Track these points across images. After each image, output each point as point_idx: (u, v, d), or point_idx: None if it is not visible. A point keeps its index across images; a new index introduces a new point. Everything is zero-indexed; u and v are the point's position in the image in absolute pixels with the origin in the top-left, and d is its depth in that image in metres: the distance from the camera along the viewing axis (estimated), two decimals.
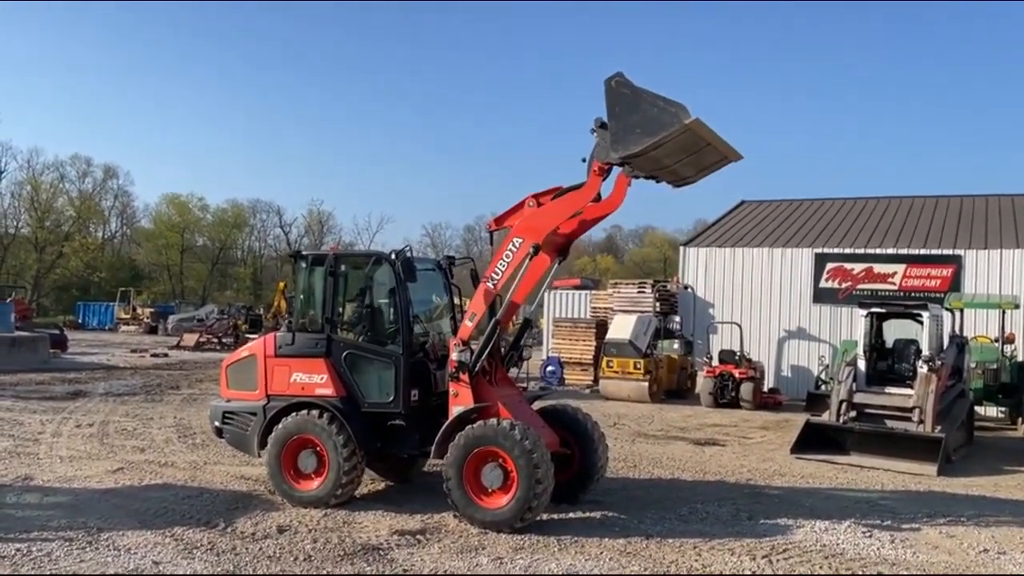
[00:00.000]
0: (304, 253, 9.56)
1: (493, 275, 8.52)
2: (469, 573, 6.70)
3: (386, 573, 6.63)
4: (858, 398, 13.53)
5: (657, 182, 8.47)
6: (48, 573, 6.38)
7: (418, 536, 7.69)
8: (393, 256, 8.91)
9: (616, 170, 8.03)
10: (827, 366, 20.34)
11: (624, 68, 7.68)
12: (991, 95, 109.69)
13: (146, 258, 73.58)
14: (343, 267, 9.19)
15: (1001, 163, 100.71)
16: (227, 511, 8.43)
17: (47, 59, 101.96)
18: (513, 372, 9.38)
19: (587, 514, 8.71)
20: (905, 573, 7.02)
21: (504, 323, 8.86)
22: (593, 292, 27.21)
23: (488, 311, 8.63)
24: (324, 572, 6.61)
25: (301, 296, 9.60)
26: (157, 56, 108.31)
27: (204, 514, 8.29)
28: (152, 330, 46.20)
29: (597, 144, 7.97)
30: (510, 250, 8.45)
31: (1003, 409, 18.58)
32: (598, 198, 8.34)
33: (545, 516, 8.32)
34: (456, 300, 9.97)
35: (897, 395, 13.46)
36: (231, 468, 10.62)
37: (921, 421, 12.78)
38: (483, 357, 8.49)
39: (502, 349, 9.16)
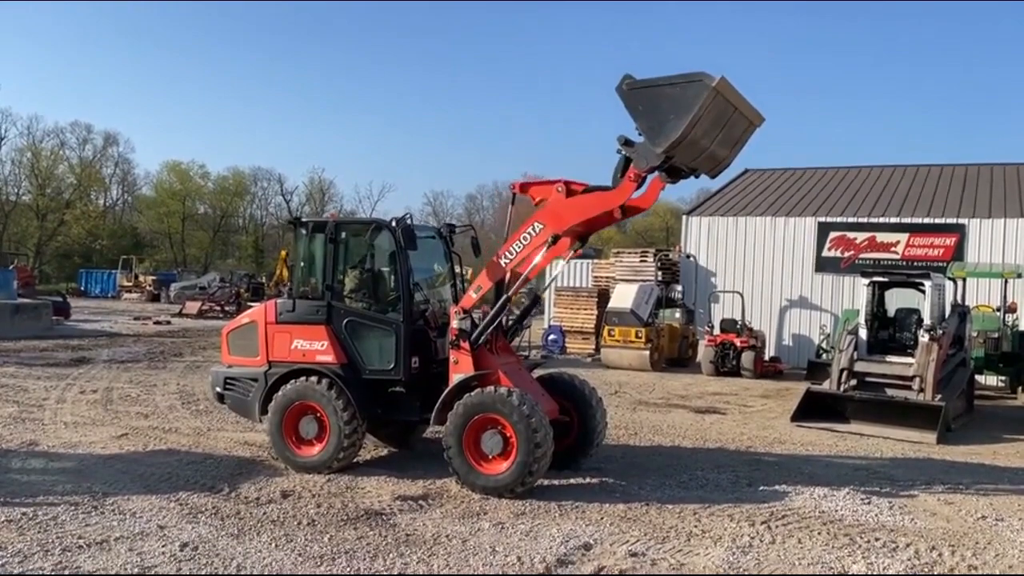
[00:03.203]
0: (304, 220, 9.53)
1: (507, 254, 8.46)
2: (471, 537, 6.76)
3: (389, 537, 6.70)
4: (859, 367, 13.57)
5: (696, 176, 8.35)
6: (55, 536, 6.45)
7: (420, 501, 7.77)
8: (393, 223, 8.89)
9: (651, 175, 7.88)
10: (828, 335, 20.37)
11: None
12: (998, 62, 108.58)
13: (148, 226, 73.47)
14: (343, 234, 9.16)
15: (1006, 131, 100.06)
16: (231, 476, 8.50)
17: (45, 25, 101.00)
18: (514, 341, 9.40)
19: (588, 480, 8.78)
20: (903, 539, 7.08)
21: (512, 298, 8.86)
22: (595, 261, 27.19)
23: (495, 286, 8.65)
24: (328, 536, 6.67)
25: (302, 263, 9.61)
26: (155, 21, 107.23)
27: (208, 479, 8.37)
28: (154, 298, 46.31)
29: (635, 152, 7.75)
30: (529, 233, 8.35)
31: (1003, 378, 18.61)
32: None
33: (546, 482, 8.38)
34: (457, 268, 9.97)
35: (898, 364, 13.48)
36: (234, 434, 10.70)
37: (921, 390, 12.82)
38: (487, 332, 8.52)
39: (508, 321, 9.17)
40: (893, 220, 22.28)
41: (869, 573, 6.24)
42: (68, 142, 70.47)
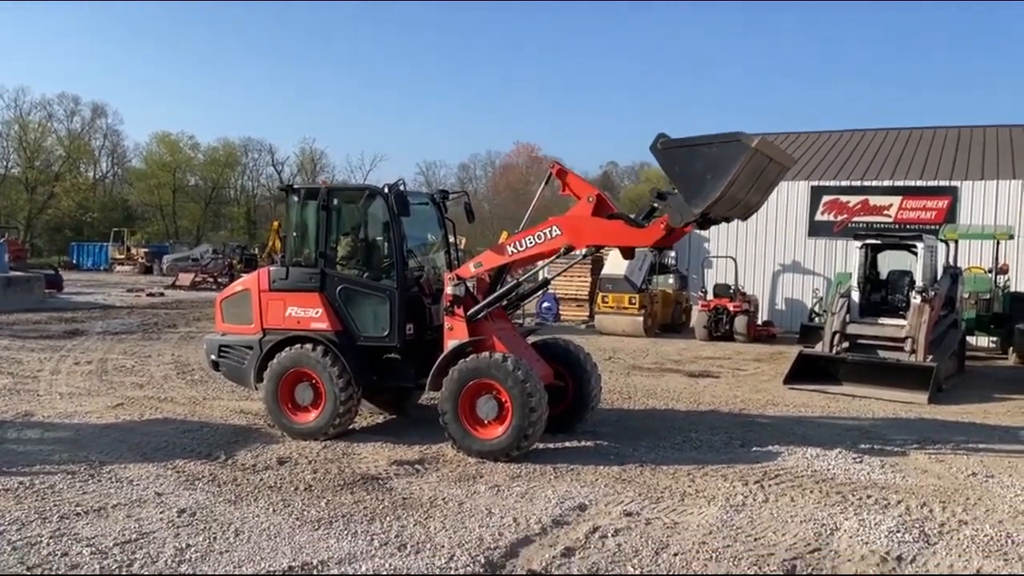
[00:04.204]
0: (296, 187, 9.46)
1: (517, 245, 8.44)
2: (467, 500, 6.81)
3: (386, 501, 6.74)
4: (851, 329, 13.66)
5: (728, 222, 8.38)
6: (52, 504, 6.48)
7: (416, 466, 7.82)
8: (386, 190, 8.84)
9: None
10: (821, 299, 20.46)
11: None
12: (989, 23, 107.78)
13: (138, 198, 72.98)
14: (336, 201, 9.11)
15: (998, 93, 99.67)
16: (227, 444, 8.53)
17: None
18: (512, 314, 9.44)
19: (583, 444, 8.85)
20: (895, 496, 7.17)
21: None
22: None
23: (496, 268, 8.74)
24: (325, 500, 6.72)
25: (294, 232, 9.56)
26: None
27: (205, 447, 8.40)
28: (147, 270, 46.25)
29: (668, 207, 7.71)
30: (544, 234, 8.32)
31: (994, 339, 18.75)
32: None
33: (542, 446, 8.45)
34: (451, 238, 9.94)
35: (890, 325, 13.57)
36: (230, 403, 10.72)
37: (913, 351, 12.91)
38: (487, 311, 8.57)
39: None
40: (886, 183, 22.28)
41: (860, 529, 6.31)
42: (56, 114, 69.75)
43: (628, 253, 8.65)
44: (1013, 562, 5.72)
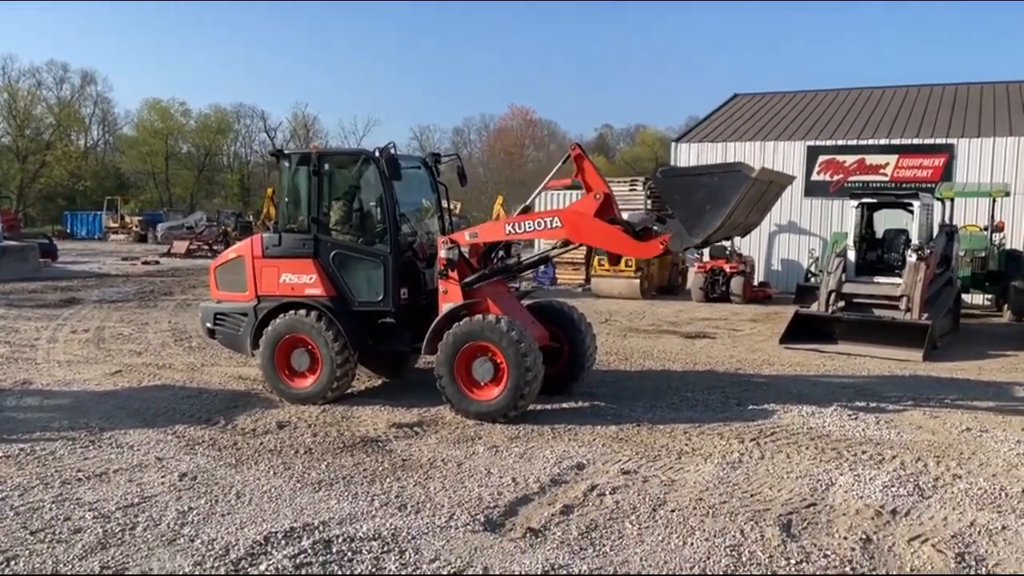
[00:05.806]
0: (287, 153, 9.39)
1: (516, 227, 8.47)
2: (466, 461, 6.86)
3: (386, 463, 6.79)
4: (847, 288, 13.67)
5: (728, 239, 8.44)
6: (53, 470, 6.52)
7: (415, 428, 7.87)
8: (377, 153, 8.78)
9: None
10: (817, 259, 20.46)
11: None
12: None
13: (131, 166, 72.39)
14: (327, 166, 9.03)
15: (993, 50, 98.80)
16: (226, 409, 8.57)
17: None
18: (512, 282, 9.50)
19: (580, 404, 8.90)
20: (890, 451, 7.24)
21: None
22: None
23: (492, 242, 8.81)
24: (325, 463, 6.76)
25: (286, 198, 9.52)
26: None
27: (204, 412, 8.44)
28: (142, 238, 46.14)
29: (668, 231, 7.77)
30: (545, 223, 8.39)
31: (990, 296, 18.80)
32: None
33: (539, 407, 8.50)
34: (444, 202, 9.89)
35: (886, 284, 13.58)
36: (228, 369, 10.75)
37: (908, 309, 12.94)
38: (484, 283, 8.60)
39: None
40: (882, 142, 22.18)
41: (856, 484, 6.37)
42: (45, 82, 68.84)
43: (615, 260, 8.77)
44: (1007, 514, 5.80)
